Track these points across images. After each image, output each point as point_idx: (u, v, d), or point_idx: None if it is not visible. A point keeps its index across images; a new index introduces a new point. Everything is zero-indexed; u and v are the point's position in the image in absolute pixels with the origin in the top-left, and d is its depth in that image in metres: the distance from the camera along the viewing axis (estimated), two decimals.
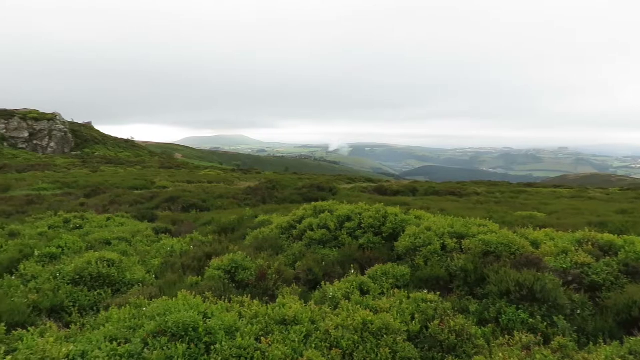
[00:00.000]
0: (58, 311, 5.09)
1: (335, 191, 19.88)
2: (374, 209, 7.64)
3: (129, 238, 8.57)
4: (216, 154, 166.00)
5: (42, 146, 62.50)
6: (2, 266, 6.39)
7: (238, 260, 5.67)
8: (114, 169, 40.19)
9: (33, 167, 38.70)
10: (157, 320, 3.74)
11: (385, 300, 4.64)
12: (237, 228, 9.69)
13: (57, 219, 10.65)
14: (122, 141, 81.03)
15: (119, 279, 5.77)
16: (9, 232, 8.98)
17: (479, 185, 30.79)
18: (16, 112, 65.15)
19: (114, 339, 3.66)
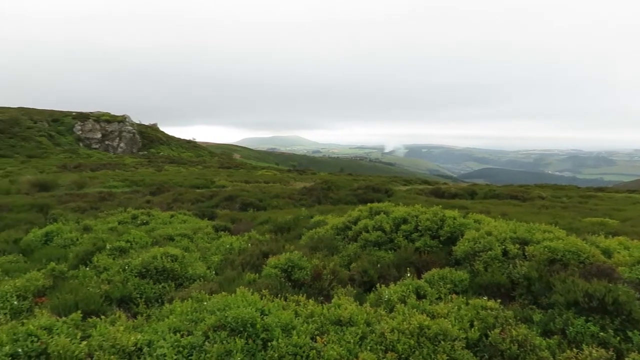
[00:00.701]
0: (126, 301, 5.40)
1: (390, 193, 19.67)
2: (431, 211, 7.49)
3: (190, 235, 8.94)
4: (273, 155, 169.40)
5: (113, 146, 66.66)
6: (78, 258, 6.89)
7: (294, 260, 5.76)
8: (177, 169, 42.12)
9: (105, 166, 41.37)
10: (217, 314, 3.87)
11: (443, 305, 4.52)
12: (292, 228, 9.83)
13: (125, 215, 11.30)
14: (185, 142, 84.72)
15: (182, 273, 6.03)
16: (83, 227, 9.66)
17: (543, 189, 29.26)
18: (90, 115, 70.00)
19: (177, 330, 3.84)
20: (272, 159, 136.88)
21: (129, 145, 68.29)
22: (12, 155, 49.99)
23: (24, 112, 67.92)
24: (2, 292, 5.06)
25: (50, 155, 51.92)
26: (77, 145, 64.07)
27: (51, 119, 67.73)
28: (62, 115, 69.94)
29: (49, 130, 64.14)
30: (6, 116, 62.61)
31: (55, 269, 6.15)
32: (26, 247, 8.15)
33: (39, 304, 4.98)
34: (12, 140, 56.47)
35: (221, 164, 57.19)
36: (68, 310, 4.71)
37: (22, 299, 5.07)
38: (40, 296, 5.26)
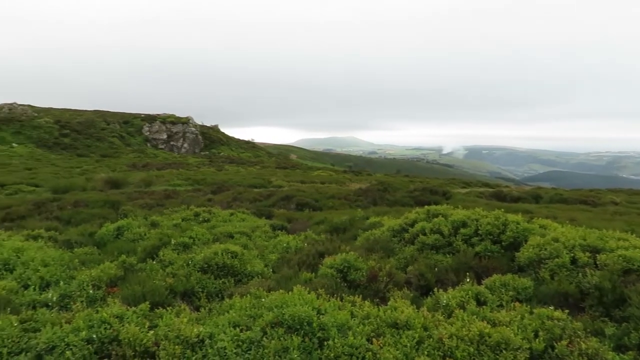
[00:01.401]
0: (189, 295, 5.65)
1: (448, 195, 19.16)
2: (492, 215, 7.22)
3: (249, 233, 9.20)
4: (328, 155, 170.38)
5: (177, 146, 69.95)
6: (146, 252, 7.30)
7: (350, 260, 5.77)
8: (236, 168, 43.46)
9: (170, 165, 43.51)
10: (275, 311, 3.96)
11: (505, 313, 4.35)
12: (348, 228, 9.84)
13: (188, 213, 11.81)
14: (244, 142, 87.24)
15: (241, 270, 6.22)
16: (150, 222, 10.22)
17: (617, 193, 27.27)
18: (157, 117, 73.89)
19: (237, 325, 3.96)
20: (327, 159, 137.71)
21: (192, 145, 71.35)
22: (88, 154, 53.82)
23: (98, 114, 72.94)
24: (79, 281, 5.47)
25: (121, 155, 55.37)
26: (145, 145, 67.84)
27: (122, 121, 72.21)
28: (132, 117, 74.40)
29: (120, 132, 68.40)
30: (83, 118, 67.52)
31: (126, 262, 6.55)
32: (100, 240, 8.74)
33: (111, 294, 5.33)
34: (88, 141, 60.79)
35: (278, 164, 58.33)
36: (137, 300, 5.00)
37: (96, 288, 5.45)
38: (112, 286, 5.62)
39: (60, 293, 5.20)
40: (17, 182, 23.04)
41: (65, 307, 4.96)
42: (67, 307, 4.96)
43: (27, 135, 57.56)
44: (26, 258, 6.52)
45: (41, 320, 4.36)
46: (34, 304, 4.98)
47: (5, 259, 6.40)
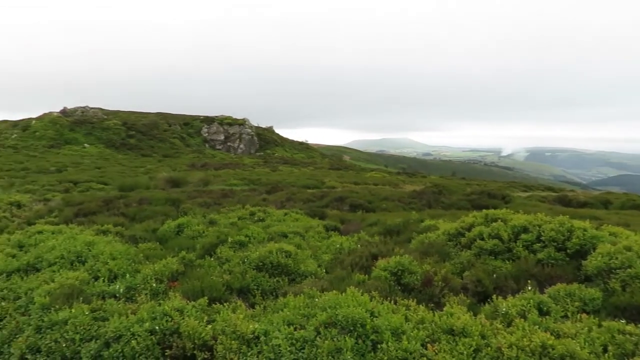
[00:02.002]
0: (245, 292, 5.80)
1: (508, 199, 18.40)
2: (556, 221, 6.84)
3: (302, 233, 9.29)
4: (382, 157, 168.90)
5: (234, 147, 72.06)
6: (204, 249, 7.58)
7: (404, 263, 5.68)
8: (290, 169, 44.11)
9: (226, 165, 44.90)
10: (328, 312, 3.98)
11: (570, 324, 4.11)
12: (402, 231, 9.69)
13: (244, 212, 12.12)
14: (297, 143, 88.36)
15: (295, 269, 6.30)
16: (209, 220, 10.59)
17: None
18: (215, 119, 76.51)
19: (291, 323, 4.02)
20: (381, 161, 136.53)
21: (247, 146, 73.23)
22: (151, 154, 56.67)
23: (161, 116, 76.62)
24: (144, 275, 5.77)
25: (181, 155, 57.84)
26: (204, 146, 70.45)
27: (183, 123, 75.44)
28: (192, 119, 77.52)
29: (181, 133, 71.48)
30: (147, 120, 71.18)
31: (185, 258, 6.82)
32: (162, 236, 9.16)
33: (172, 288, 5.57)
34: (152, 142, 64.00)
35: (331, 165, 58.55)
36: (196, 295, 5.20)
37: (159, 281, 5.72)
38: (173, 280, 5.88)
39: (126, 285, 5.51)
40: (88, 180, 24.70)
41: (130, 299, 5.25)
42: (132, 298, 5.24)
43: (97, 136, 61.54)
44: (96, 251, 6.97)
45: (109, 310, 4.64)
46: (103, 295, 5.30)
47: (79, 252, 6.88)
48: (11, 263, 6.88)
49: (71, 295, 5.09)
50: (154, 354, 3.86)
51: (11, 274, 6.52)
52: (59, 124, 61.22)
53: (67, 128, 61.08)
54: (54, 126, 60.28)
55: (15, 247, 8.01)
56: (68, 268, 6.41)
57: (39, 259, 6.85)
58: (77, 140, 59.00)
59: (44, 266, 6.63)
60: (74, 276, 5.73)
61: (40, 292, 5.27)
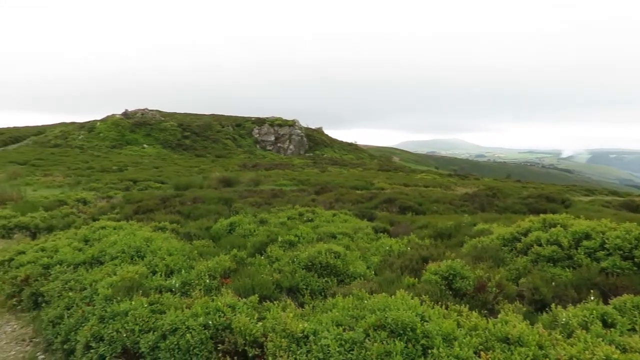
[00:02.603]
0: (294, 291, 5.87)
1: (568, 203, 17.48)
2: (622, 228, 6.42)
3: (351, 234, 9.28)
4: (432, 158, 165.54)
5: (284, 148, 73.11)
6: (255, 247, 7.74)
7: (456, 268, 5.54)
8: (338, 170, 44.18)
9: (276, 166, 45.65)
10: (378, 314, 3.94)
11: (637, 338, 3.84)
12: (453, 234, 9.46)
13: (293, 212, 12.27)
14: (346, 144, 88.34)
15: (343, 270, 6.31)
16: (259, 220, 10.81)
17: None
18: (266, 120, 78.00)
19: (340, 324, 4.02)
20: (431, 162, 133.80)
21: (297, 147, 74.07)
22: (205, 155, 58.61)
23: (215, 118, 79.12)
24: (198, 271, 5.98)
25: (233, 156, 59.41)
26: (255, 147, 72.01)
27: (235, 124, 77.48)
28: (244, 120, 79.47)
29: (233, 134, 73.43)
30: (202, 122, 73.71)
31: (237, 255, 7.00)
32: (215, 234, 9.45)
33: (225, 284, 5.73)
34: (205, 143, 66.19)
35: (380, 166, 58.05)
36: (247, 292, 5.33)
37: (212, 278, 5.91)
38: (226, 277, 6.05)
39: (181, 280, 5.74)
40: (147, 179, 25.92)
41: (185, 294, 5.45)
42: (187, 293, 5.45)
43: (155, 137, 64.45)
44: (154, 247, 7.30)
45: (166, 304, 4.84)
46: (160, 289, 5.55)
47: (138, 247, 7.23)
48: (78, 256, 7.36)
49: (131, 288, 5.37)
50: (207, 347, 3.99)
51: (78, 266, 6.97)
52: (121, 125, 64.69)
53: (128, 129, 64.40)
54: (117, 128, 63.75)
55: (82, 241, 8.54)
56: (128, 262, 6.77)
57: (102, 252, 7.28)
58: (137, 141, 62.06)
59: (107, 260, 7.03)
60: (134, 270, 6.04)
61: (103, 284, 5.59)
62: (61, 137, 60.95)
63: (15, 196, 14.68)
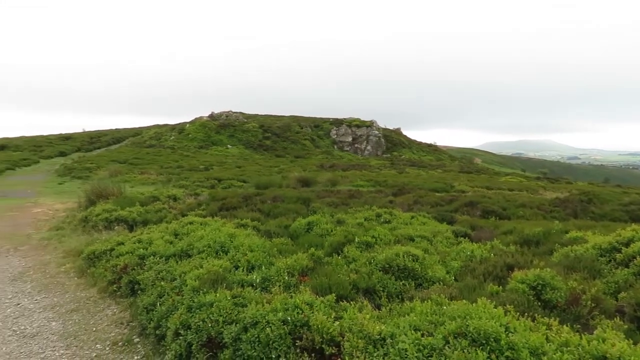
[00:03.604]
0: (370, 293, 5.84)
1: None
2: None
3: (430, 237, 9.04)
4: (518, 160, 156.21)
5: (361, 149, 73.01)
6: (332, 247, 7.81)
7: (545, 278, 5.18)
8: (417, 171, 43.22)
9: (353, 166, 45.70)
10: (458, 322, 3.80)
11: None
12: (542, 242, 8.85)
13: (370, 213, 12.21)
14: (425, 145, 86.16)
15: (421, 274, 6.16)
16: (336, 220, 10.89)
17: None
18: (344, 121, 78.43)
19: (418, 329, 3.94)
20: (517, 164, 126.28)
21: (374, 148, 73.62)
22: (284, 155, 60.28)
23: (294, 119, 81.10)
24: (277, 268, 6.17)
25: (312, 156, 60.46)
26: (332, 147, 72.70)
27: (313, 125, 78.82)
28: (322, 121, 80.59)
29: (311, 135, 74.74)
30: (281, 123, 75.92)
31: (314, 254, 7.11)
32: (293, 233, 9.68)
33: (303, 282, 5.85)
34: (285, 143, 68.05)
35: (461, 168, 55.90)
36: (324, 291, 5.40)
37: (291, 275, 6.06)
38: (304, 275, 6.18)
39: (262, 276, 5.95)
40: (230, 177, 27.20)
41: (265, 289, 5.64)
42: (267, 289, 5.64)
43: (238, 138, 67.48)
44: (237, 243, 7.65)
45: (247, 298, 5.05)
46: (242, 283, 5.79)
47: (222, 242, 7.62)
48: (169, 248, 7.92)
49: (216, 281, 5.67)
50: (286, 342, 4.10)
51: (169, 258, 7.50)
52: (208, 127, 68.54)
53: (214, 131, 68.06)
54: (204, 129, 67.65)
55: (172, 234, 9.18)
56: (213, 256, 7.15)
57: (190, 246, 7.76)
58: (222, 141, 65.38)
59: (194, 253, 7.48)
60: (219, 264, 6.37)
61: (191, 276, 5.96)
62: (155, 138, 65.93)
63: (116, 192, 16.12)
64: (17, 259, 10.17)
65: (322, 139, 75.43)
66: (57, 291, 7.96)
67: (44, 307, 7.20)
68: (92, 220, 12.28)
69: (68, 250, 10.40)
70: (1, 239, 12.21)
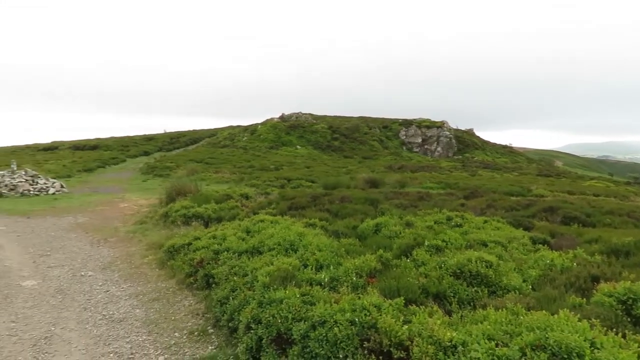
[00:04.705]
0: (440, 298, 5.68)
1: None
2: None
3: (504, 243, 8.62)
4: (605, 163, 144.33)
5: (431, 150, 71.22)
6: (400, 249, 7.70)
7: (637, 291, 4.75)
8: (490, 174, 41.37)
9: (423, 168, 44.69)
10: (537, 333, 3.60)
11: None
12: (632, 252, 8.11)
13: (440, 216, 11.86)
14: (500, 147, 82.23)
15: (496, 281, 5.89)
16: (405, 222, 10.71)
17: None
18: (413, 121, 76.94)
19: (492, 338, 3.78)
20: (604, 168, 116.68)
21: (445, 149, 71.49)
22: (352, 156, 60.31)
23: (362, 120, 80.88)
24: (345, 268, 6.19)
25: (379, 157, 59.96)
26: (401, 148, 71.62)
27: (382, 126, 78.11)
28: (391, 122, 79.64)
29: (380, 136, 74.11)
30: (350, 124, 76.01)
31: (382, 256, 7.05)
32: (361, 234, 9.66)
33: (370, 284, 5.83)
34: (353, 144, 68.06)
35: (539, 171, 52.66)
36: (392, 294, 5.34)
37: (358, 276, 6.06)
38: (371, 277, 6.15)
39: (330, 276, 6.00)
40: (299, 177, 27.70)
41: (333, 289, 5.69)
42: (335, 288, 5.68)
43: (307, 139, 68.54)
44: (306, 242, 7.78)
45: (316, 297, 5.12)
46: (310, 282, 5.88)
47: (292, 241, 7.79)
48: (241, 245, 8.23)
49: (286, 279, 5.81)
50: (353, 343, 4.11)
51: (241, 254, 7.80)
52: (278, 128, 70.32)
53: (284, 132, 69.67)
54: (274, 130, 69.49)
55: (244, 232, 9.53)
56: (283, 254, 7.33)
57: (261, 243, 8.02)
58: (291, 142, 66.77)
59: (265, 250, 7.72)
60: (288, 262, 6.52)
61: (262, 273, 6.16)
62: (229, 138, 68.78)
63: (193, 189, 17.03)
64: (107, 250, 11.09)
65: (391, 140, 74.52)
66: (140, 281, 8.58)
67: (129, 295, 7.79)
68: (172, 216, 13.07)
69: (150, 243, 11.17)
70: (94, 230, 13.38)
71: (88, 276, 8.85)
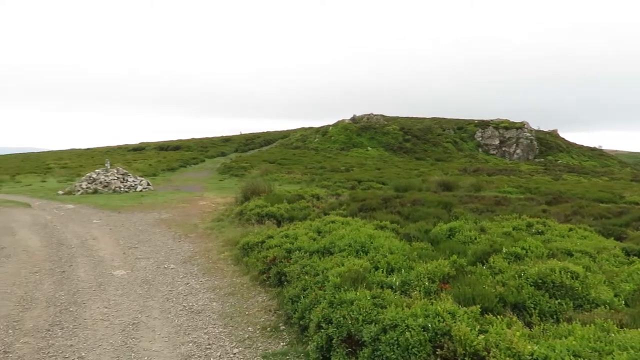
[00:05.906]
0: (519, 308, 5.39)
1: None
2: None
3: (592, 253, 7.98)
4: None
5: (509, 152, 67.66)
6: (476, 256, 7.40)
7: None
8: (576, 178, 38.49)
9: (500, 171, 42.57)
10: (631, 353, 3.31)
11: None
12: None
13: (520, 222, 11.23)
14: (588, 149, 76.19)
15: (582, 294, 5.48)
16: (480, 227, 10.28)
17: None
18: (490, 122, 73.54)
19: (578, 355, 3.52)
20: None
21: (525, 151, 67.61)
22: (424, 158, 58.95)
23: (435, 121, 78.79)
24: (417, 272, 6.07)
25: (453, 160, 58.04)
26: (477, 150, 68.78)
27: (456, 127, 75.51)
28: (466, 123, 76.72)
29: (454, 137, 71.70)
30: (422, 125, 74.39)
31: (456, 262, 6.82)
32: (433, 238, 9.41)
33: (444, 290, 5.66)
34: (425, 146, 66.50)
35: (634, 176, 48.05)
36: (466, 301, 5.14)
37: (431, 281, 5.91)
38: (445, 283, 5.97)
39: (401, 279, 5.92)
40: (370, 179, 27.58)
41: (405, 293, 5.60)
42: (406, 292, 5.59)
43: (378, 140, 68.02)
44: (376, 244, 7.73)
45: (387, 300, 5.07)
46: (381, 284, 5.84)
47: (362, 243, 7.78)
48: (312, 245, 8.36)
49: (356, 280, 5.81)
50: (426, 349, 4.01)
51: (312, 253, 7.92)
52: (349, 129, 70.48)
53: (355, 133, 69.69)
54: (345, 131, 69.74)
55: (315, 232, 9.67)
56: (354, 255, 7.34)
57: (332, 244, 8.09)
58: (362, 144, 66.62)
59: (336, 251, 7.78)
60: (359, 263, 6.52)
61: (333, 273, 6.21)
62: (301, 140, 70.11)
63: (267, 189, 17.58)
64: (187, 244, 11.78)
65: (466, 141, 71.79)
66: (217, 275, 9.01)
67: (207, 288, 8.21)
68: (246, 214, 13.59)
69: (226, 240, 11.69)
70: (176, 226, 14.28)
71: (170, 269, 9.45)
